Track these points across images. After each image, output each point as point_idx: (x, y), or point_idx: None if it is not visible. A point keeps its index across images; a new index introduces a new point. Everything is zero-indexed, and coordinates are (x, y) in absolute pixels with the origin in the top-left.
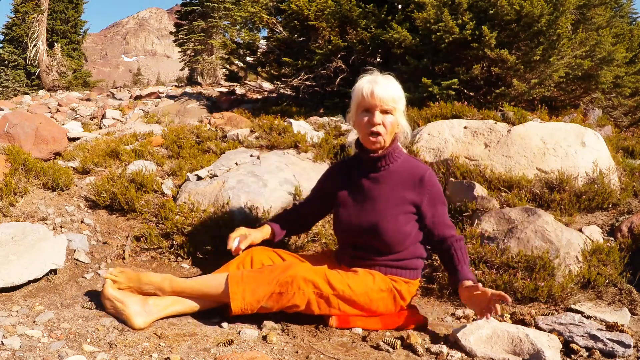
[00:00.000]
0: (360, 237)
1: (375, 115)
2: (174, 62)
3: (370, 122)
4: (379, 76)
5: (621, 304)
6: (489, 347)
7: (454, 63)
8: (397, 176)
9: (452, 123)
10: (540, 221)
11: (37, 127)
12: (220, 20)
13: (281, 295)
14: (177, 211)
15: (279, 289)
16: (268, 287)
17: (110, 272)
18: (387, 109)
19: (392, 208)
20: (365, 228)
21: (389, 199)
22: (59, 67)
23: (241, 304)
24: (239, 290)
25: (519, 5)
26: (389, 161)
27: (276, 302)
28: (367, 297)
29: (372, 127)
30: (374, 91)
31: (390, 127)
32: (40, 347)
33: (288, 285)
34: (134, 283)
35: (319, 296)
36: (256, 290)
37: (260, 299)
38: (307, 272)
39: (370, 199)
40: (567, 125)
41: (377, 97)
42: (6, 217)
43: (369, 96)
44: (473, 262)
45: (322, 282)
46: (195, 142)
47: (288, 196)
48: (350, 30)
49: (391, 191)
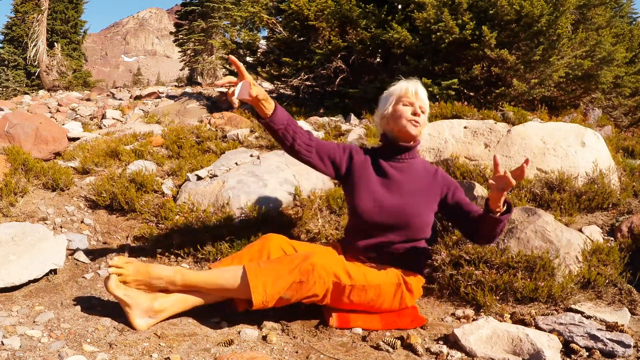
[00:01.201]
0: (385, 219)
1: (417, 108)
2: (174, 62)
3: (414, 113)
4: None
5: (621, 304)
6: (489, 347)
7: (454, 63)
8: (417, 170)
9: (452, 123)
10: (540, 221)
11: (37, 127)
12: (220, 20)
13: (301, 284)
14: (177, 211)
15: (299, 278)
16: (289, 276)
17: (115, 262)
18: (423, 110)
19: (419, 195)
20: (394, 209)
21: (416, 187)
22: (59, 67)
23: (263, 297)
24: (260, 283)
25: (519, 5)
26: (411, 155)
27: (296, 291)
28: (379, 289)
29: (416, 116)
30: (418, 91)
31: (423, 123)
32: (40, 347)
33: (309, 273)
34: (142, 276)
35: (337, 286)
36: (277, 282)
37: (282, 289)
38: (327, 261)
39: (398, 184)
40: (567, 125)
41: (420, 97)
42: (6, 217)
43: (414, 94)
44: (473, 262)
45: (342, 271)
46: (195, 142)
47: (288, 196)
48: (350, 30)
49: (416, 181)
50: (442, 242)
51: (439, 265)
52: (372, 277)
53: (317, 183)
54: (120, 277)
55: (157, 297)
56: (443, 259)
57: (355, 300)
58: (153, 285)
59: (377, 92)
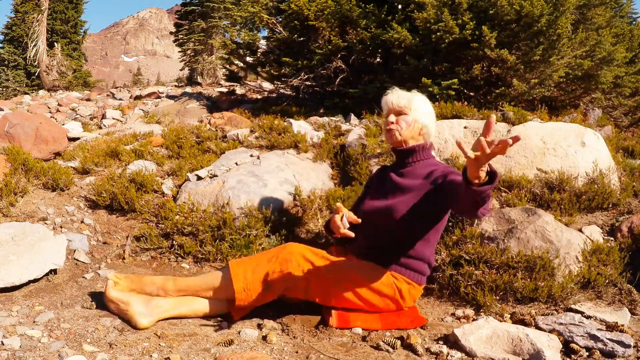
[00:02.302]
0: (375, 219)
1: (389, 117)
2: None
3: (386, 123)
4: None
5: (621, 304)
6: (489, 347)
7: (454, 63)
8: (419, 171)
9: (452, 123)
10: (540, 221)
11: (37, 127)
12: (220, 20)
13: (282, 272)
14: (177, 211)
15: (279, 267)
16: (269, 264)
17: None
18: (400, 111)
19: (411, 193)
20: (382, 209)
21: (411, 187)
22: (59, 67)
23: (243, 283)
24: (240, 271)
25: (519, 5)
26: (416, 158)
27: (277, 280)
28: (369, 287)
29: (387, 126)
30: (387, 100)
31: (405, 124)
32: (40, 347)
33: (288, 261)
34: (136, 285)
35: (316, 275)
36: (256, 269)
37: (262, 277)
38: (305, 250)
39: (394, 187)
40: (567, 125)
41: (389, 103)
42: (6, 217)
43: (384, 105)
44: (473, 262)
45: (320, 260)
46: (195, 142)
47: (288, 196)
48: (350, 30)
49: (414, 182)
50: (442, 242)
51: (439, 265)
52: (359, 271)
53: (317, 183)
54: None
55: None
56: (443, 259)
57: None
58: (146, 292)
59: (377, 92)
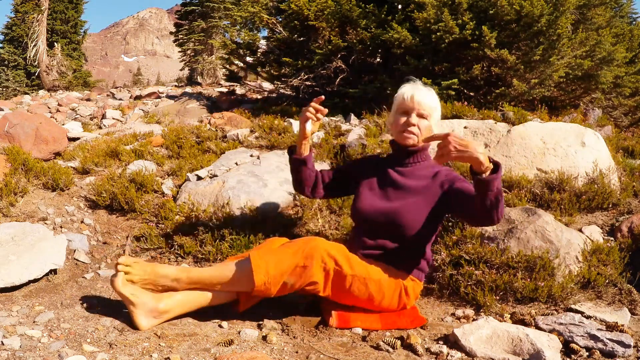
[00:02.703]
0: (378, 220)
1: (412, 116)
2: (174, 62)
3: (407, 123)
4: (421, 85)
5: (621, 304)
6: (489, 347)
7: (454, 63)
8: (420, 172)
9: (452, 123)
10: (540, 221)
11: (37, 127)
12: (220, 20)
13: (305, 268)
14: (177, 211)
15: (302, 262)
16: (293, 258)
17: (123, 260)
18: (423, 114)
19: (414, 196)
20: (385, 211)
21: (414, 189)
22: (59, 67)
23: (265, 277)
24: (262, 263)
25: (519, 5)
26: (418, 158)
27: (299, 276)
28: (379, 285)
29: (408, 126)
30: (414, 95)
31: (424, 130)
32: (40, 347)
33: (312, 258)
34: (149, 275)
35: (338, 274)
36: (279, 264)
37: (284, 272)
38: (330, 246)
39: (396, 187)
40: (567, 125)
41: (416, 101)
42: (6, 217)
43: (409, 99)
44: (473, 262)
45: (344, 259)
46: (195, 142)
47: (288, 196)
48: (350, 30)
49: (416, 184)
50: (442, 242)
51: (439, 265)
52: (374, 272)
53: None
54: (128, 276)
55: (162, 298)
56: (443, 259)
57: (356, 293)
58: (159, 284)
59: (377, 92)
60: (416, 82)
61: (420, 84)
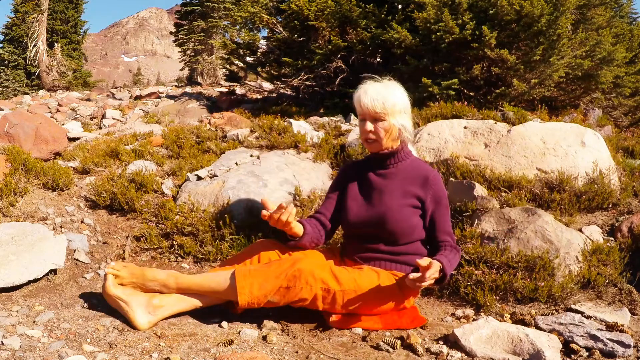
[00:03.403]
0: (367, 228)
1: (366, 124)
2: (174, 62)
3: (362, 131)
4: (371, 84)
5: (621, 304)
6: (489, 347)
7: (454, 63)
8: (404, 173)
9: (452, 123)
10: (540, 221)
11: (37, 127)
12: (220, 20)
13: (288, 289)
14: (177, 211)
15: (286, 284)
16: (276, 281)
17: (112, 266)
18: (377, 117)
19: (399, 199)
20: (372, 218)
21: (397, 192)
22: (59, 67)
23: (249, 297)
24: (247, 284)
25: (519, 5)
26: (397, 160)
27: (283, 296)
28: (372, 293)
29: (364, 134)
30: (361, 101)
31: (384, 133)
32: (40, 347)
33: (296, 279)
34: (137, 279)
35: (326, 292)
36: (264, 285)
37: (268, 293)
38: (315, 267)
39: (379, 192)
40: (567, 125)
41: (364, 107)
42: (6, 217)
43: (359, 106)
44: (473, 262)
45: (329, 277)
46: (195, 142)
47: (288, 196)
48: (350, 30)
49: (399, 186)
50: None
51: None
52: (363, 281)
53: (317, 183)
54: (117, 279)
55: (155, 295)
56: None
57: (349, 305)
58: (148, 287)
59: None
60: (367, 82)
61: (372, 82)
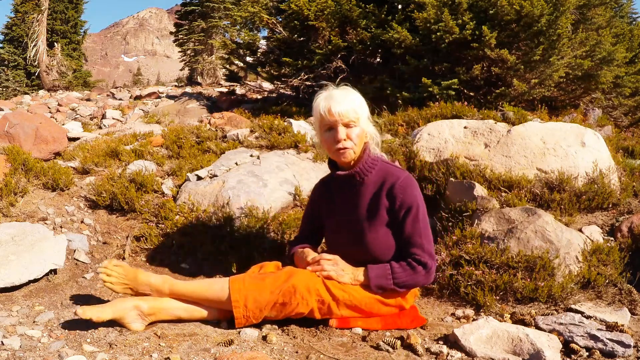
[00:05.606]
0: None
1: (338, 131)
2: (174, 62)
3: (336, 139)
4: (334, 90)
5: (621, 304)
6: (489, 347)
7: (454, 63)
8: (372, 187)
9: (452, 123)
10: (540, 221)
11: (37, 127)
12: (220, 20)
13: (284, 305)
14: (177, 211)
15: (282, 299)
16: (271, 296)
17: (104, 265)
18: (348, 122)
19: (372, 220)
20: (350, 242)
21: (368, 211)
22: (59, 67)
23: (244, 311)
24: (241, 298)
25: (519, 5)
26: (363, 175)
27: (280, 311)
28: (368, 301)
29: (337, 143)
30: (331, 108)
31: (357, 139)
32: (40, 347)
33: (291, 295)
34: (130, 282)
35: (321, 303)
36: (258, 299)
37: (263, 308)
38: (309, 281)
39: (351, 213)
40: (567, 125)
41: (335, 113)
42: (6, 217)
43: (327, 114)
44: (473, 262)
45: (323, 290)
46: (195, 142)
47: (288, 196)
48: (350, 30)
49: (369, 203)
50: (442, 242)
51: (439, 265)
52: (357, 292)
53: None
54: (107, 283)
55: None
56: (443, 259)
57: (346, 313)
58: (139, 291)
59: (377, 92)
60: (328, 89)
61: (332, 88)
